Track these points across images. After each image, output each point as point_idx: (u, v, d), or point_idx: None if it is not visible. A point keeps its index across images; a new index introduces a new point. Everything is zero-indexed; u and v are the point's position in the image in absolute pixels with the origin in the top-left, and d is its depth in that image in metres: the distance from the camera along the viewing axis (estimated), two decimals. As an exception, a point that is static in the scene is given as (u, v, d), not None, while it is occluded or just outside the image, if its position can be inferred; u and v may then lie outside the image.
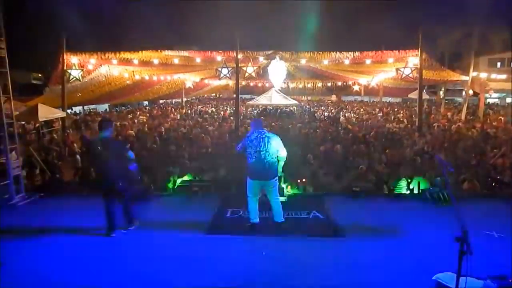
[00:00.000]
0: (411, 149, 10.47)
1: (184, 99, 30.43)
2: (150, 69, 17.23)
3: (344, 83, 26.93)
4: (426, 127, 15.42)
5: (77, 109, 25.12)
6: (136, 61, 14.25)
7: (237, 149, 4.99)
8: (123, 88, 19.64)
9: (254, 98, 25.46)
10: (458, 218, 3.04)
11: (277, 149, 4.78)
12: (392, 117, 21.06)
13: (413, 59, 13.48)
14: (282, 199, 5.25)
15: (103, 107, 28.15)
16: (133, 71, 17.24)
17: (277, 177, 4.88)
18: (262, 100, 22.74)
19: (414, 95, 23.38)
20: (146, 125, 16.81)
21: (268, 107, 24.94)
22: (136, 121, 18.92)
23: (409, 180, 7.38)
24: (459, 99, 30.04)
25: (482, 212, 5.50)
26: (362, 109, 27.00)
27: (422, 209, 5.76)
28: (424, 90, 24.54)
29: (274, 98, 21.99)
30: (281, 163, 4.95)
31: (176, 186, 7.28)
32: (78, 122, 19.31)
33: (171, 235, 4.75)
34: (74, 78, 13.03)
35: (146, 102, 33.71)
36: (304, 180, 7.22)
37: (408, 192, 7.03)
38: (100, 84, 16.92)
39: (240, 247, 4.42)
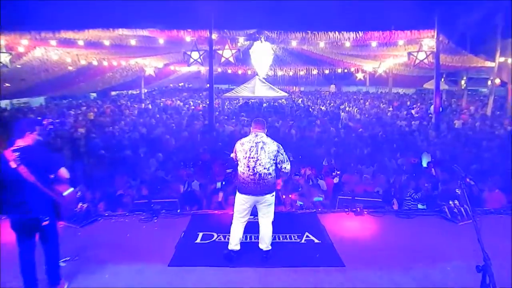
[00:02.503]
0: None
1: (144, 91, 30.08)
2: (99, 53, 17.00)
3: (345, 71, 27.21)
4: (445, 125, 15.80)
5: (3, 103, 24.41)
6: (81, 42, 14.02)
7: (233, 157, 4.99)
8: (64, 77, 19.33)
9: (232, 89, 25.41)
10: (480, 242, 3.12)
11: (273, 159, 4.77)
12: (404, 113, 21.47)
13: (429, 41, 13.76)
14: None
15: (38, 100, 27.47)
16: (77, 55, 16.97)
17: (273, 193, 4.88)
18: (242, 91, 22.72)
19: (430, 85, 23.90)
20: (95, 124, 16.53)
21: (251, 100, 24.96)
22: (81, 118, 18.57)
23: (423, 192, 7.51)
24: (484, 90, 30.91)
25: (510, 230, 5.65)
26: (367, 103, 27.39)
27: (439, 229, 5.86)
28: (442, 79, 25.14)
29: (258, 89, 22.02)
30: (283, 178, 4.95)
31: (132, 204, 7.17)
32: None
33: (124, 267, 4.67)
34: (1, 64, 12.73)
35: (94, 94, 33.12)
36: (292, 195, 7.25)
37: (422, 207, 7.15)
38: (34, 71, 16.65)
39: (212, 282, 4.39)
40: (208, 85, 16.74)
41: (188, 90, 41.17)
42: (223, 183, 8.12)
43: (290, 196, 7.23)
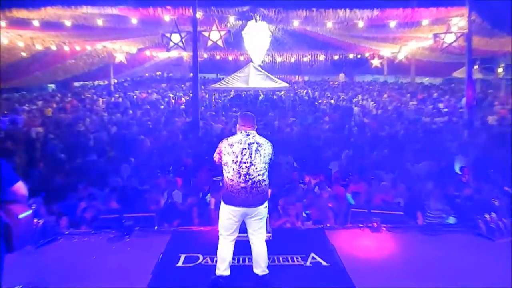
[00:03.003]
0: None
1: (113, 81, 30.00)
2: (59, 35, 17.01)
3: (358, 56, 27.35)
4: (479, 122, 15.84)
5: None
6: (36, 23, 13.97)
7: (215, 159, 4.92)
8: (16, 65, 19.28)
9: (222, 78, 25.43)
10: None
11: (268, 163, 4.81)
12: (430, 107, 21.55)
13: (459, 20, 13.81)
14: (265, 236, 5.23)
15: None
16: (31, 38, 16.92)
17: (266, 204, 4.89)
18: (234, 82, 22.75)
19: (460, 73, 23.98)
20: (53, 122, 16.47)
21: (244, 92, 24.99)
22: (36, 115, 18.49)
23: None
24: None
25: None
26: (385, 95, 27.46)
27: (472, 248, 5.87)
28: (476, 67, 25.24)
29: (252, 78, 22.03)
30: None
31: (99, 219, 7.14)
32: None
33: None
34: None
35: (53, 86, 33.01)
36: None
37: (453, 221, 7.16)
38: (-21, 59, 16.56)
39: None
40: (191, 74, 16.74)
41: (167, 80, 41.08)
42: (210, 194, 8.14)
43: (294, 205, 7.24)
